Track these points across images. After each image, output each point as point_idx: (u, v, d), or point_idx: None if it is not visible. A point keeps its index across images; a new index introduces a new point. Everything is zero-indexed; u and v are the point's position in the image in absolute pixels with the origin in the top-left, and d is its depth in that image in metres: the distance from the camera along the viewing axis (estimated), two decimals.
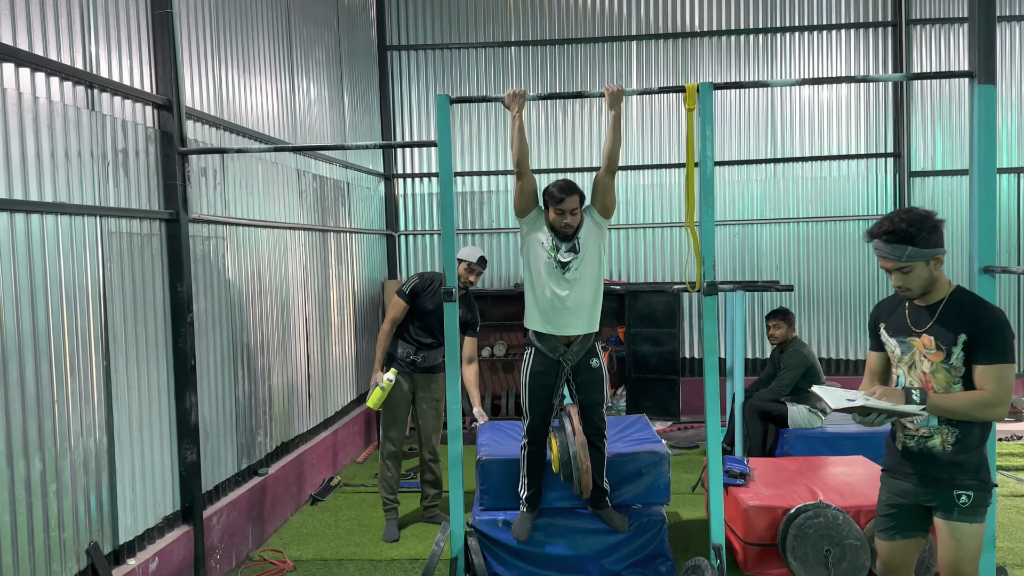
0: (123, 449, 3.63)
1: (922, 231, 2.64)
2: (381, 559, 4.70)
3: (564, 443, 4.11)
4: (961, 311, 2.66)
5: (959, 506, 2.68)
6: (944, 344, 2.66)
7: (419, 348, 5.05)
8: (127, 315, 3.73)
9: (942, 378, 2.69)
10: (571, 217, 3.95)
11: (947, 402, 2.64)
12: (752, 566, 4.30)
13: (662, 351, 7.89)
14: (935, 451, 2.73)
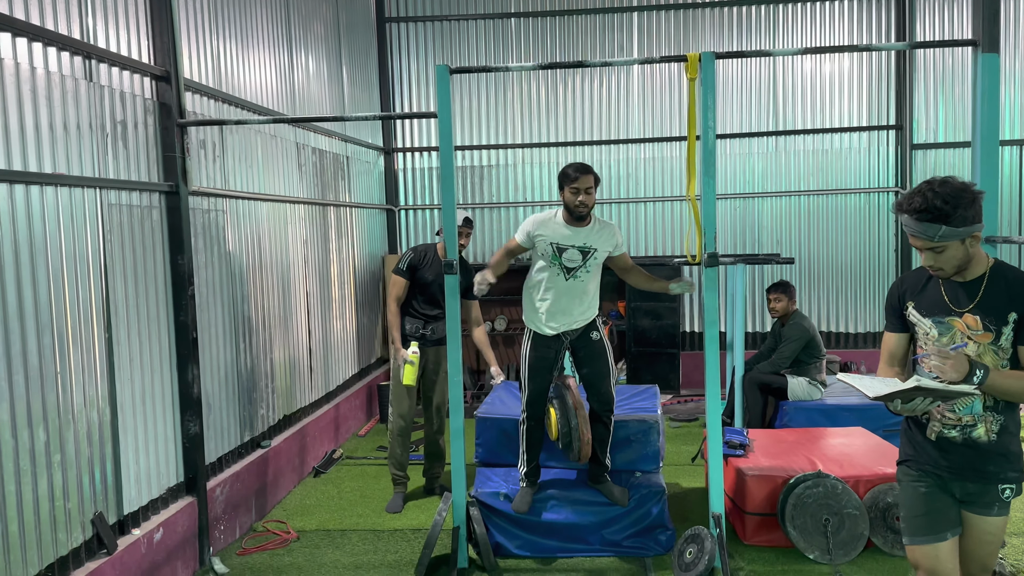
0: (126, 421, 3.65)
1: (958, 208, 2.33)
2: (384, 529, 4.74)
3: (564, 414, 4.12)
4: (1008, 287, 2.39)
5: (1001, 500, 2.44)
6: (993, 324, 2.40)
7: (427, 321, 5.05)
8: (128, 288, 3.73)
9: (989, 361, 2.41)
10: (586, 196, 3.97)
11: (1008, 381, 2.35)
12: (751, 535, 4.34)
13: (662, 325, 7.90)
14: (980, 441, 2.46)
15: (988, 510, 2.46)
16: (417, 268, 5.00)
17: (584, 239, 4.05)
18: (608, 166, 8.40)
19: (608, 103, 8.38)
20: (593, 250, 4.07)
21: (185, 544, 4.05)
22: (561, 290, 4.09)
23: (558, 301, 4.11)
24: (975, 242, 2.39)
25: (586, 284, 4.12)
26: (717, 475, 4.01)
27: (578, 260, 4.06)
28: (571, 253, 4.04)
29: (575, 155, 8.42)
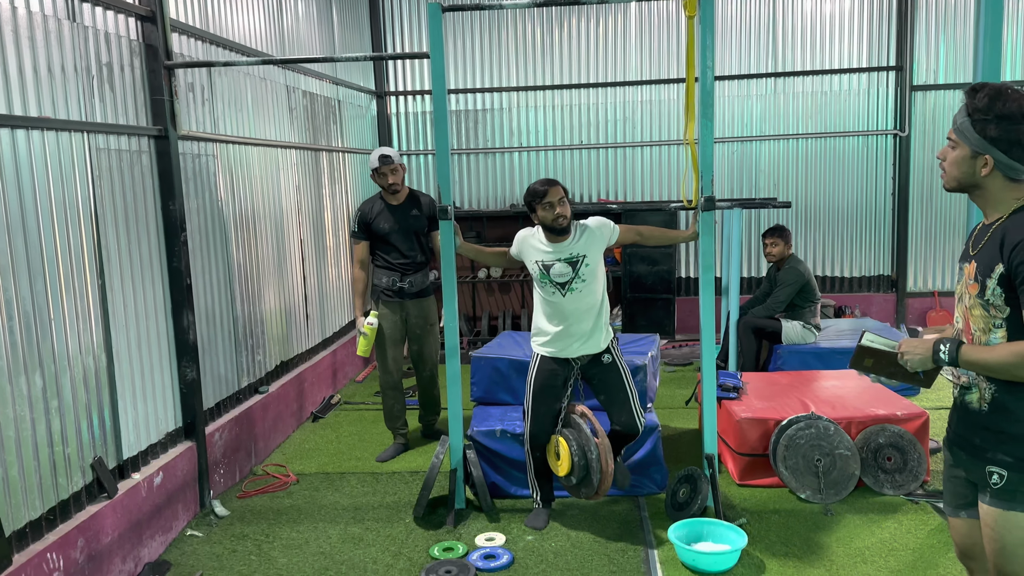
0: (122, 367, 3.66)
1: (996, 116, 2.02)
2: (382, 472, 4.81)
3: (580, 445, 3.76)
4: (1004, 236, 2.06)
5: (991, 485, 2.11)
6: (980, 275, 2.11)
7: (403, 273, 4.93)
8: (120, 234, 3.69)
9: (979, 316, 2.13)
10: (561, 207, 3.71)
11: (981, 356, 2.07)
12: (743, 476, 4.41)
13: (658, 270, 7.90)
14: (971, 408, 2.18)
15: (982, 494, 2.15)
16: (370, 224, 4.87)
17: (569, 250, 3.77)
18: (605, 110, 8.29)
19: (605, 44, 8.22)
20: (581, 257, 3.77)
21: (185, 488, 4.10)
22: (562, 308, 3.79)
23: (562, 322, 3.80)
24: (987, 168, 2.07)
25: (586, 295, 3.79)
26: (711, 417, 4.05)
27: (568, 273, 3.76)
28: (559, 267, 3.77)
29: (572, 98, 8.30)
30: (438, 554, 3.70)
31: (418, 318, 4.99)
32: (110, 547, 3.40)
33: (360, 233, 4.90)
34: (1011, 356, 2.01)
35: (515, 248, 4.01)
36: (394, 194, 4.85)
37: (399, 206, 4.90)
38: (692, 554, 3.48)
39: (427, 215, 4.94)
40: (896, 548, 3.63)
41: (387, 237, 4.86)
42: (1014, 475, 2.07)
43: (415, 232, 4.91)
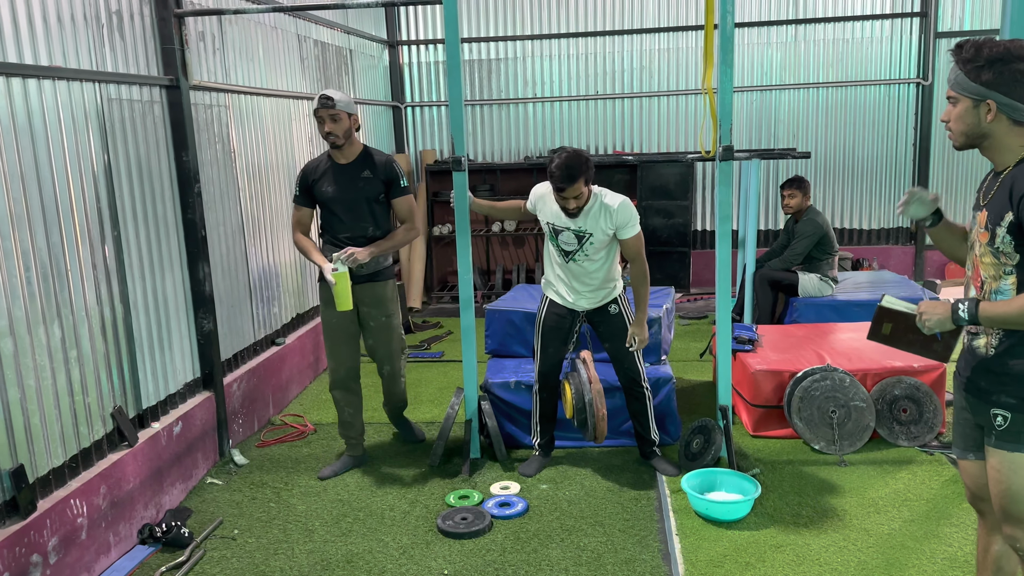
0: (139, 318, 3.68)
1: (985, 64, 2.03)
2: None
3: (579, 389, 3.84)
4: (1013, 183, 2.06)
5: (996, 428, 2.15)
6: (991, 223, 2.11)
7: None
8: (134, 185, 3.69)
9: (989, 263, 2.13)
10: (574, 202, 3.62)
11: (1001, 311, 2.07)
12: (757, 427, 4.42)
13: (674, 223, 7.83)
14: (979, 352, 2.20)
15: (988, 436, 2.19)
16: (312, 187, 3.92)
17: (579, 223, 3.71)
18: (621, 58, 8.13)
19: None
20: (588, 234, 3.71)
21: (204, 437, 4.16)
22: (564, 269, 3.86)
23: (565, 278, 3.88)
24: (991, 114, 2.06)
25: (587, 268, 3.79)
26: (726, 369, 4.05)
27: (574, 243, 3.76)
28: (566, 236, 3.75)
29: (588, 47, 8.14)
30: (454, 501, 3.75)
31: (371, 307, 4.01)
32: (132, 494, 3.47)
33: (301, 197, 3.97)
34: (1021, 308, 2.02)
35: (531, 202, 3.98)
36: (336, 148, 3.87)
37: (347, 167, 3.90)
38: (705, 503, 3.51)
39: (383, 179, 3.93)
40: (909, 499, 3.64)
41: (329, 204, 3.92)
42: (1018, 416, 2.10)
43: (366, 200, 3.90)
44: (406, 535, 3.49)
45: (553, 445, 4.20)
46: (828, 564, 3.13)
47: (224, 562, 3.33)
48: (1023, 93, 2.03)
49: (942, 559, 3.13)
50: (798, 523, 3.46)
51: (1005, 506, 2.18)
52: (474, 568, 3.20)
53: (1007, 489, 2.15)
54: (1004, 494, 2.16)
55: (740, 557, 3.21)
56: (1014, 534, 2.21)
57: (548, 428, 4.13)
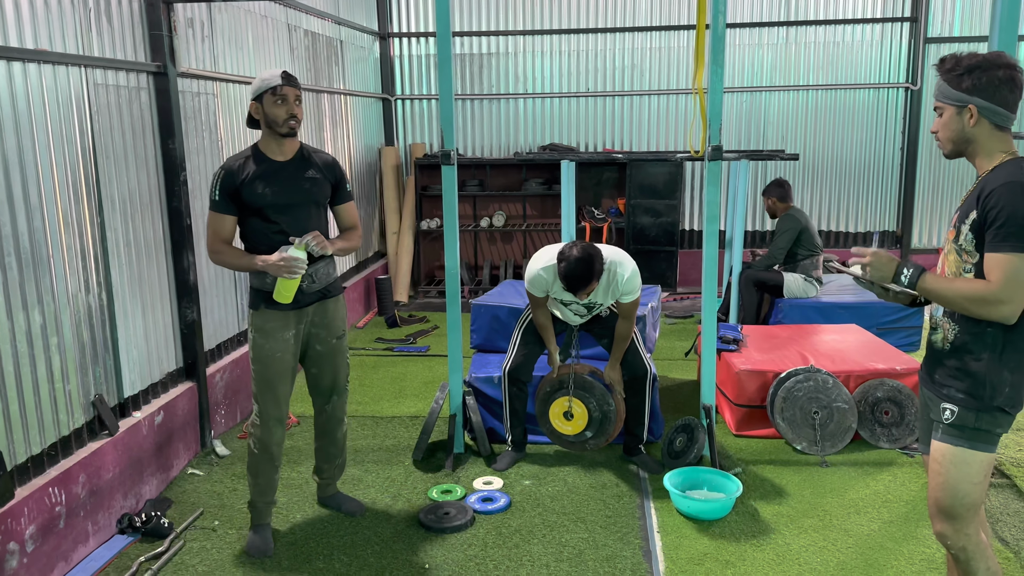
0: (123, 306, 3.65)
1: (966, 71, 2.12)
2: (382, 416, 4.84)
3: (599, 402, 3.96)
4: (984, 185, 2.13)
5: (943, 421, 2.22)
6: (958, 221, 2.19)
7: None
8: (119, 171, 3.65)
9: (952, 260, 2.22)
10: (585, 295, 3.65)
11: (939, 286, 2.17)
12: (740, 427, 4.44)
13: (661, 223, 7.84)
14: (936, 346, 2.29)
15: (935, 430, 2.25)
16: (240, 188, 3.09)
17: (589, 300, 3.82)
18: (612, 56, 8.13)
19: None
20: (599, 304, 3.88)
21: (186, 427, 4.13)
22: (572, 318, 4.02)
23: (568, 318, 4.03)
24: (974, 121, 2.14)
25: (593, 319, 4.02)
26: (710, 368, 4.06)
27: (583, 312, 3.94)
28: (576, 307, 3.91)
29: (579, 44, 8.13)
30: (437, 496, 3.74)
31: (321, 327, 3.31)
32: (111, 483, 3.44)
33: (223, 202, 3.10)
34: (964, 292, 2.12)
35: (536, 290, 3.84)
36: (286, 138, 3.16)
37: (287, 164, 3.18)
38: (687, 501, 3.52)
39: (330, 181, 3.30)
40: (890, 500, 3.67)
41: (267, 211, 3.13)
42: (964, 411, 2.18)
43: (313, 204, 3.24)
44: (388, 528, 3.48)
45: (526, 440, 4.20)
46: (808, 564, 3.15)
47: (204, 553, 3.31)
48: (1002, 98, 2.12)
49: (920, 560, 3.15)
50: (779, 522, 3.48)
51: (939, 499, 2.24)
52: (455, 562, 3.20)
53: (944, 482, 2.22)
54: (940, 487, 2.23)
55: (721, 555, 3.22)
56: (943, 531, 2.28)
57: (517, 423, 4.13)
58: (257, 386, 3.23)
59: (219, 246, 3.14)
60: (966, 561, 2.26)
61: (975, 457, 2.19)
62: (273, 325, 3.17)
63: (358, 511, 3.61)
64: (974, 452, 2.19)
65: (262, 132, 3.19)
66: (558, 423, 4.06)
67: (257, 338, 3.18)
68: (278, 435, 3.29)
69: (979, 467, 2.20)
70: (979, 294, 2.09)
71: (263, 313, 3.17)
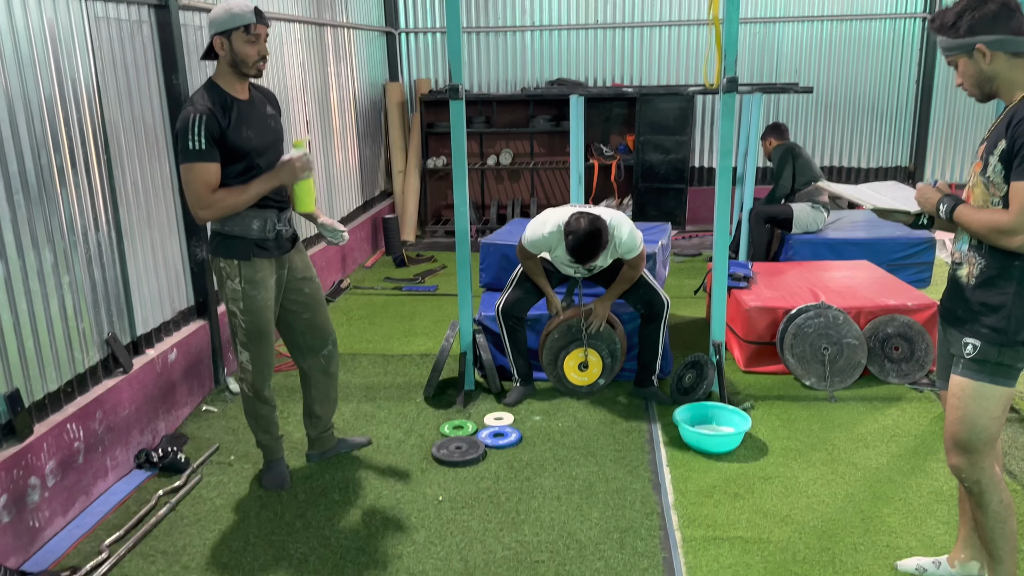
0: (133, 245, 3.64)
1: (962, 15, 2.12)
2: (393, 354, 4.87)
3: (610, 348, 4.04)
4: (1013, 115, 2.09)
5: (964, 356, 2.22)
6: (986, 152, 2.16)
7: (280, 208, 3.13)
8: (123, 108, 3.59)
9: (979, 194, 2.19)
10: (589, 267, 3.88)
11: (968, 216, 2.16)
12: (749, 363, 4.45)
13: (671, 160, 7.74)
14: (960, 282, 2.26)
15: (955, 366, 2.26)
16: (225, 134, 2.86)
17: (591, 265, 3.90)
18: None
19: None
20: (598, 266, 3.97)
21: (199, 365, 4.17)
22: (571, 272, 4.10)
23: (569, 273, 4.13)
24: (991, 58, 2.10)
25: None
26: (720, 304, 4.05)
27: (583, 272, 4.04)
28: (576, 269, 4.02)
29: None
30: (448, 431, 3.79)
31: (303, 270, 3.29)
32: (128, 420, 3.49)
33: (210, 149, 2.83)
34: (986, 221, 2.11)
35: (534, 249, 3.94)
36: (252, 78, 2.97)
37: (252, 104, 3.02)
38: (696, 435, 3.56)
39: (280, 114, 3.23)
40: (898, 434, 3.70)
41: (253, 157, 2.97)
42: (986, 346, 2.18)
43: (281, 142, 3.16)
44: (401, 463, 3.53)
45: (532, 374, 4.23)
46: (816, 496, 3.19)
47: (221, 487, 3.37)
48: (1004, 25, 2.09)
49: (928, 492, 3.19)
50: (787, 456, 3.52)
51: (956, 432, 2.26)
52: (468, 495, 3.25)
53: (962, 416, 2.23)
54: (958, 420, 2.24)
55: (729, 488, 3.26)
56: (959, 464, 2.30)
57: (519, 356, 4.16)
58: (248, 336, 3.13)
59: (212, 198, 2.87)
60: (979, 494, 2.28)
61: (995, 391, 2.20)
62: (263, 274, 3.07)
63: (366, 442, 3.68)
64: (994, 387, 2.20)
65: (220, 69, 2.93)
66: (573, 376, 4.09)
67: (248, 290, 3.04)
68: (271, 380, 3.27)
69: (998, 401, 2.21)
70: (996, 224, 2.08)
71: (253, 263, 3.03)
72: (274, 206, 3.09)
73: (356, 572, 2.76)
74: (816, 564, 2.75)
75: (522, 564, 2.79)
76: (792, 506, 3.12)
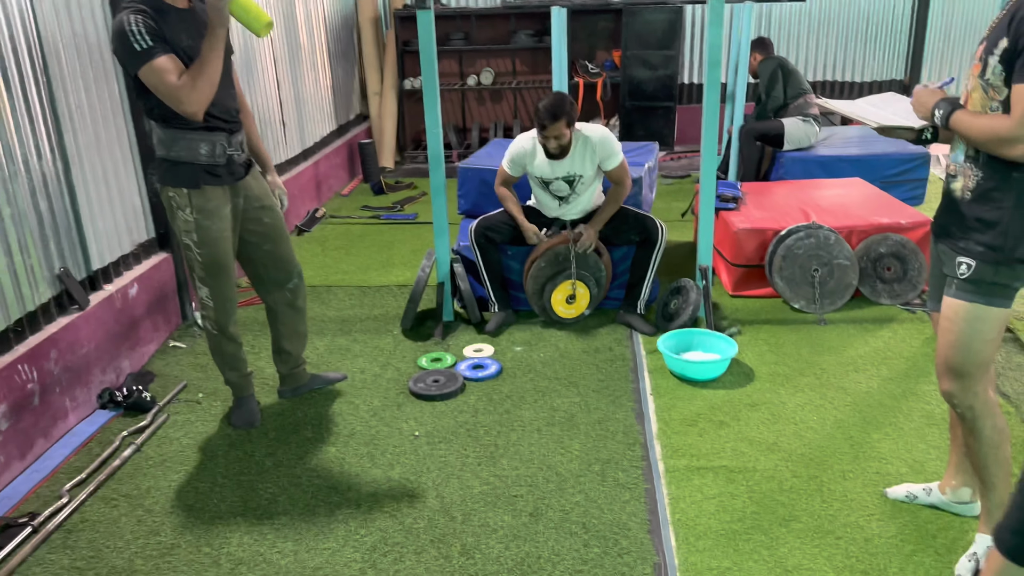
0: (82, 173, 3.40)
1: None
2: (369, 285, 4.71)
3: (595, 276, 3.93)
4: (1016, 10, 1.90)
5: (958, 276, 2.07)
6: (985, 52, 1.98)
7: (230, 131, 2.85)
8: (62, 23, 3.30)
9: (977, 99, 2.01)
10: (555, 141, 3.70)
11: (965, 122, 1.98)
12: (737, 287, 4.31)
13: (659, 76, 7.43)
14: (954, 196, 2.09)
15: (948, 287, 2.11)
16: (165, 39, 2.59)
17: (567, 168, 3.80)
18: None
19: None
20: (579, 176, 3.82)
21: (164, 299, 3.99)
22: (555, 208, 3.98)
23: (553, 211, 4.00)
24: None
25: (581, 200, 3.92)
26: (707, 228, 3.88)
27: (565, 189, 3.86)
28: (557, 184, 3.85)
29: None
30: (426, 364, 3.66)
31: (261, 199, 3.04)
32: (87, 358, 3.33)
33: (159, 44, 2.56)
34: (985, 128, 1.94)
35: (511, 165, 3.92)
36: None
37: (192, 12, 2.73)
38: (680, 363, 3.44)
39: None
40: (889, 357, 3.59)
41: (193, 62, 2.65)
42: (981, 265, 2.03)
43: (228, 60, 2.84)
44: (377, 397, 3.40)
45: (509, 299, 4.10)
46: (804, 422, 3.09)
47: (188, 426, 3.24)
48: None
49: (919, 416, 3.10)
50: (774, 382, 3.41)
51: (949, 357, 2.13)
52: (446, 429, 3.14)
53: (955, 340, 2.10)
54: (951, 344, 2.12)
55: (714, 416, 3.16)
56: (951, 390, 2.17)
57: (494, 279, 4.03)
58: (205, 270, 2.92)
59: (181, 83, 2.58)
60: (972, 420, 2.17)
61: (990, 313, 2.06)
62: (216, 203, 2.84)
63: (341, 378, 3.54)
64: (989, 308, 2.05)
65: None
66: (560, 309, 3.97)
67: (201, 220, 2.83)
68: (234, 315, 3.08)
69: (994, 324, 2.07)
70: (995, 131, 1.90)
71: (204, 191, 2.81)
72: (223, 128, 2.83)
73: (327, 512, 2.66)
74: (803, 493, 2.66)
75: (500, 499, 2.69)
76: (779, 433, 3.02)
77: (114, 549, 2.52)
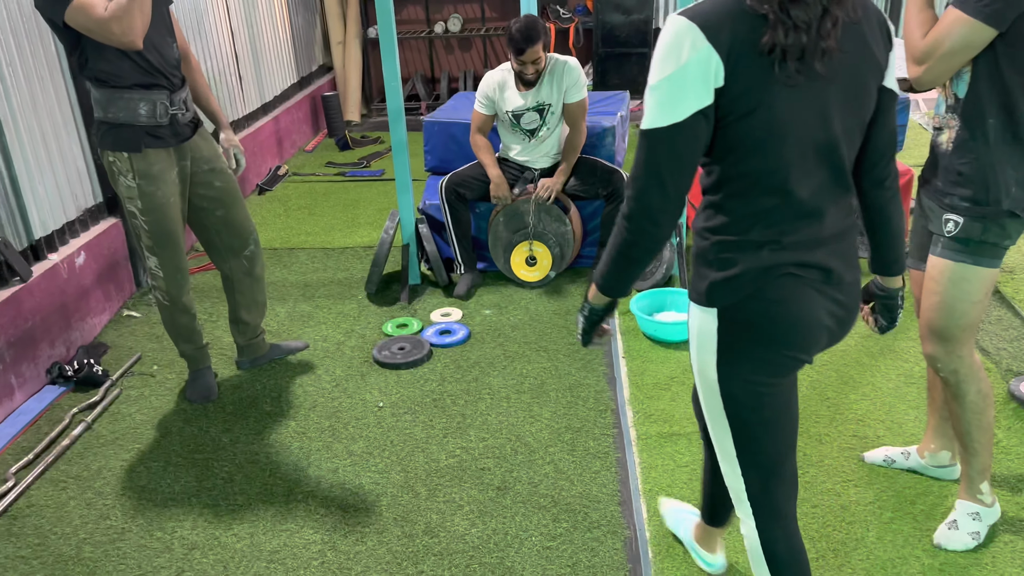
0: (16, 136, 3.19)
1: None
2: (333, 247, 4.54)
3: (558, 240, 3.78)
4: None
5: (944, 235, 1.97)
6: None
7: (172, 88, 2.67)
8: None
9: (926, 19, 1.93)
10: (533, 66, 3.61)
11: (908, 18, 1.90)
12: None
13: (633, 20, 7.19)
14: (940, 149, 1.99)
15: (934, 245, 2.01)
16: None
17: (536, 97, 3.71)
18: None
19: None
20: (548, 105, 3.72)
21: (115, 267, 3.81)
22: (525, 147, 3.86)
23: (526, 152, 3.88)
24: None
25: (550, 140, 3.83)
26: None
27: (536, 121, 3.76)
28: (528, 116, 3.75)
29: None
30: (391, 331, 3.53)
31: (210, 161, 2.87)
32: (33, 332, 3.16)
33: None
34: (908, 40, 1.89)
35: (485, 103, 3.78)
36: None
37: None
38: (653, 324, 3.33)
39: None
40: None
41: None
42: (969, 222, 1.93)
43: (165, 10, 2.69)
44: (340, 367, 3.28)
45: (475, 260, 3.95)
46: None
47: (142, 400, 3.10)
48: None
49: (897, 375, 3.02)
50: None
51: (932, 319, 2.04)
52: (411, 399, 3.02)
53: (940, 301, 2.01)
54: (935, 307, 2.02)
55: (687, 378, 3.06)
56: (935, 353, 2.08)
57: (463, 237, 3.86)
58: (153, 239, 2.75)
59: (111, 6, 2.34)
60: (956, 384, 2.08)
61: (977, 274, 1.95)
62: (160, 167, 2.67)
63: (302, 347, 3.40)
64: (977, 268, 1.95)
65: None
66: (522, 272, 3.86)
67: (144, 186, 2.66)
68: (187, 284, 2.92)
69: (981, 284, 1.97)
70: (910, 46, 1.87)
71: (147, 155, 2.64)
72: (164, 86, 2.64)
73: (286, 491, 2.55)
74: None
75: (467, 472, 2.59)
76: None
77: (61, 536, 2.40)
